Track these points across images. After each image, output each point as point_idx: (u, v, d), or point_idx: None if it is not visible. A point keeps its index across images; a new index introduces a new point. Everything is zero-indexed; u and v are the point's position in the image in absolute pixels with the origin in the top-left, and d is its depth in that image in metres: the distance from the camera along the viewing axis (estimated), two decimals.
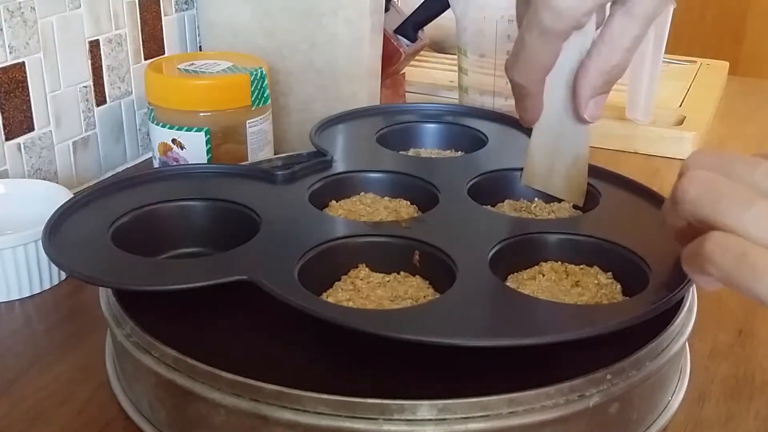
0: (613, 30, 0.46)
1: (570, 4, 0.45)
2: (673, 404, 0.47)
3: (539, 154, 0.56)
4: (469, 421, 0.38)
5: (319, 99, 0.79)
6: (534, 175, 0.57)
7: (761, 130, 0.95)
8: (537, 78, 0.49)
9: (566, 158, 0.55)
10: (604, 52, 0.47)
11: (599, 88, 0.49)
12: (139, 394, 0.45)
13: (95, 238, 0.49)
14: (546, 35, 0.46)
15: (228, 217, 0.54)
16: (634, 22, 0.46)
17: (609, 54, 0.47)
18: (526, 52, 0.47)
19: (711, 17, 1.81)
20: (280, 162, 0.64)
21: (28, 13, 0.68)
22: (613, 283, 0.48)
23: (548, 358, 0.44)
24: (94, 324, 0.53)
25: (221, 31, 0.80)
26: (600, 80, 0.48)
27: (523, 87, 0.50)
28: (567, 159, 0.55)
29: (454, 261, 0.47)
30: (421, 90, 0.98)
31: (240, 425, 0.40)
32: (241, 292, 0.45)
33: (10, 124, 0.68)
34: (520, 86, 0.50)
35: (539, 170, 0.57)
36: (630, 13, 0.46)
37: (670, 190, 0.39)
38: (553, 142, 0.55)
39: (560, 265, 0.50)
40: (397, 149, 0.65)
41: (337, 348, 0.47)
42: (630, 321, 0.41)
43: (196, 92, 0.67)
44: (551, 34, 0.46)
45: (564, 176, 0.56)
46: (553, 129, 0.54)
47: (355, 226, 0.53)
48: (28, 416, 0.46)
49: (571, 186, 0.56)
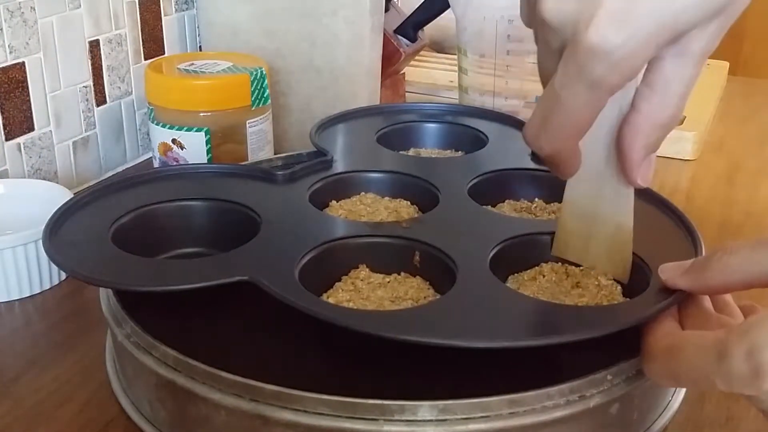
0: (667, 75, 0.38)
1: (629, 50, 0.35)
2: (674, 404, 0.47)
3: (573, 221, 0.48)
4: (469, 422, 0.38)
5: (319, 99, 0.79)
6: (567, 246, 0.49)
7: (761, 130, 0.95)
8: (573, 142, 0.40)
9: (607, 227, 0.47)
10: (657, 102, 0.39)
11: (652, 145, 0.40)
12: (139, 394, 0.45)
13: (95, 238, 0.49)
14: (594, 90, 0.36)
15: (228, 217, 0.54)
16: (689, 62, 0.38)
17: (663, 104, 0.39)
18: (563, 112, 0.37)
19: None
20: (281, 162, 0.64)
21: (28, 13, 0.67)
22: (613, 284, 0.48)
23: (549, 359, 0.44)
24: (94, 324, 0.53)
25: (221, 31, 0.80)
26: (653, 137, 0.40)
27: (558, 153, 0.40)
28: (608, 228, 0.47)
29: (455, 262, 0.47)
30: (421, 90, 0.98)
31: (240, 426, 0.40)
32: (241, 293, 0.45)
33: (10, 124, 0.68)
34: (553, 154, 0.40)
35: (574, 240, 0.49)
36: (684, 53, 0.37)
37: None
38: (591, 208, 0.47)
39: (560, 266, 0.50)
40: (397, 149, 0.65)
41: (337, 348, 0.47)
42: (630, 322, 0.41)
43: (196, 92, 0.67)
44: (601, 89, 0.36)
45: (605, 248, 0.48)
46: (590, 193, 0.46)
47: (356, 226, 0.53)
48: (28, 416, 0.46)
49: (613, 259, 0.48)
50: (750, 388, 0.32)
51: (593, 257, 0.48)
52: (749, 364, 0.32)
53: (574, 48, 0.35)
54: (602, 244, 0.48)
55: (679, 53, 0.37)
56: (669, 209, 0.54)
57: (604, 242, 0.47)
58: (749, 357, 0.32)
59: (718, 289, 0.40)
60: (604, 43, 0.34)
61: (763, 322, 0.32)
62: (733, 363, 0.32)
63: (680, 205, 0.54)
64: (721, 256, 0.38)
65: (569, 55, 0.36)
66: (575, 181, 0.45)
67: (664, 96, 0.38)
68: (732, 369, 0.32)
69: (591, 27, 0.34)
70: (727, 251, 0.38)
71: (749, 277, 0.37)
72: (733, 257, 0.37)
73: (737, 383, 0.33)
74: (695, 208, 0.74)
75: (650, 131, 0.39)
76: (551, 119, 0.38)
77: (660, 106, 0.39)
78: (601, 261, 0.48)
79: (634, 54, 0.35)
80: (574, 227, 0.48)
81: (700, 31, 0.37)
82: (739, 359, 0.32)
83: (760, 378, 0.31)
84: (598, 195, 0.46)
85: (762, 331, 0.32)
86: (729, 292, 0.41)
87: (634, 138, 0.40)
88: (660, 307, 0.41)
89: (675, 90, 0.38)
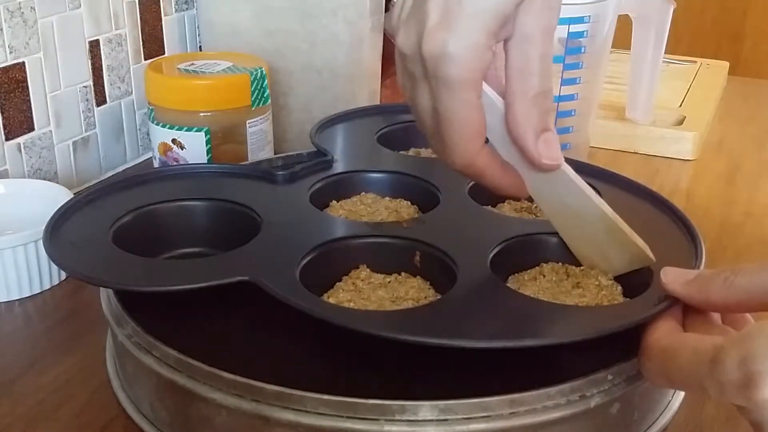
0: (513, 63, 0.41)
1: (465, 42, 0.39)
2: (674, 404, 0.47)
3: (577, 244, 0.49)
4: (470, 422, 0.38)
5: (319, 99, 0.79)
6: (586, 259, 0.49)
7: (761, 130, 0.95)
8: (474, 151, 0.42)
9: (596, 230, 0.47)
10: (518, 81, 0.41)
11: (537, 125, 0.41)
12: (140, 394, 0.45)
13: (96, 238, 0.49)
14: (457, 89, 0.39)
15: (229, 217, 0.54)
16: (533, 42, 0.40)
17: (525, 82, 0.41)
18: (448, 122, 0.40)
19: (711, 17, 1.81)
20: (281, 162, 0.64)
21: (28, 13, 0.67)
22: (613, 284, 0.48)
23: (549, 359, 0.44)
24: (95, 324, 0.53)
25: (221, 31, 0.80)
26: (533, 115, 0.41)
27: (468, 168, 0.42)
28: (597, 229, 0.47)
29: (455, 262, 0.47)
30: None
31: (241, 426, 0.40)
32: (242, 293, 0.45)
33: (10, 124, 0.68)
34: (464, 168, 0.43)
35: (594, 258, 0.49)
36: (522, 38, 0.40)
37: None
38: (573, 224, 0.47)
39: (561, 267, 0.50)
40: (397, 149, 0.65)
41: (338, 349, 0.47)
42: (631, 323, 0.41)
43: (196, 92, 0.67)
44: (462, 86, 0.39)
45: (614, 248, 0.47)
46: (561, 213, 0.47)
47: (356, 226, 0.53)
48: (28, 416, 0.46)
49: (631, 252, 0.47)
50: (740, 398, 0.32)
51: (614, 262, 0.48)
52: (741, 373, 0.32)
53: (425, 64, 0.40)
54: (607, 247, 0.47)
55: (520, 38, 0.40)
56: (669, 209, 0.54)
57: (607, 244, 0.47)
58: (742, 365, 0.32)
59: (717, 305, 0.39)
60: (442, 46, 0.39)
61: (759, 332, 0.32)
62: (725, 370, 0.32)
63: (680, 205, 0.54)
64: (728, 276, 0.38)
65: (428, 74, 0.40)
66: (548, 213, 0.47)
67: (523, 74, 0.41)
68: (724, 376, 0.32)
69: (425, 39, 0.39)
70: (734, 272, 0.38)
71: (749, 298, 0.37)
72: (738, 277, 0.38)
73: (728, 391, 0.32)
74: (695, 208, 0.74)
75: (526, 110, 0.41)
76: (445, 135, 0.41)
77: (522, 84, 0.41)
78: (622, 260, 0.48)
79: (472, 45, 0.39)
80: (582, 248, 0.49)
81: (525, 12, 0.40)
82: (731, 367, 0.32)
83: (751, 388, 0.31)
84: (568, 211, 0.47)
85: (757, 340, 0.32)
86: (728, 311, 0.41)
87: (517, 124, 0.41)
88: (660, 308, 0.41)
89: (531, 69, 0.41)
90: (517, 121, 0.41)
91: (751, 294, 0.37)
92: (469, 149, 0.42)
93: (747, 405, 0.32)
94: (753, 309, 0.38)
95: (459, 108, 0.40)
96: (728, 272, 0.38)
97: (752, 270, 0.37)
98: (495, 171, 0.44)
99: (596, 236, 0.47)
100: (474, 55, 0.39)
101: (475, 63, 0.39)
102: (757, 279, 0.37)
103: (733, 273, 0.38)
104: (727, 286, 0.38)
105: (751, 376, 0.31)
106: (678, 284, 0.41)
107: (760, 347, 0.31)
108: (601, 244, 0.47)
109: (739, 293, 0.37)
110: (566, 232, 0.49)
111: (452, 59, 0.39)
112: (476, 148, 0.42)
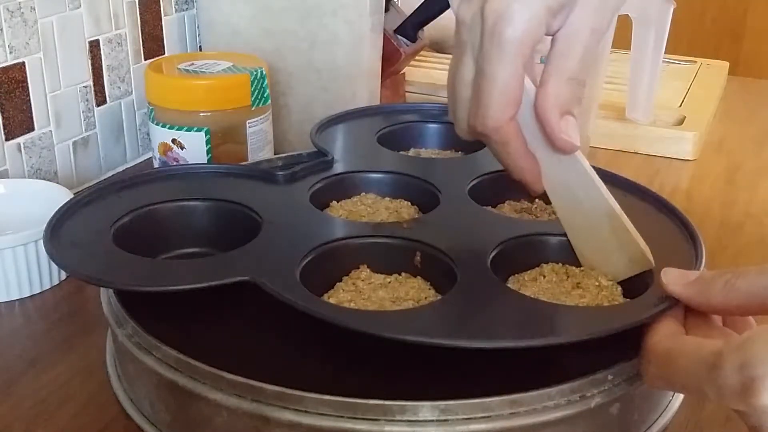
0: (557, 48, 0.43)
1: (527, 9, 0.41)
2: (674, 404, 0.47)
3: (580, 243, 0.49)
4: (470, 422, 0.38)
5: (319, 99, 0.79)
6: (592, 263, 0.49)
7: (761, 130, 0.95)
8: (508, 115, 0.43)
9: (602, 228, 0.47)
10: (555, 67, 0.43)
11: (564, 104, 0.43)
12: (140, 394, 0.45)
13: (96, 238, 0.49)
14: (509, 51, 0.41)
15: (229, 217, 0.54)
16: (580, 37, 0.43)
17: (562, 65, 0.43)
18: (490, 82, 0.42)
19: (711, 17, 1.81)
20: (281, 162, 0.64)
21: (28, 13, 0.67)
22: (613, 285, 0.48)
23: (549, 359, 0.44)
24: (95, 324, 0.53)
25: (221, 31, 0.80)
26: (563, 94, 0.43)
27: (497, 131, 0.44)
28: (603, 227, 0.47)
29: (456, 262, 0.47)
30: (421, 90, 0.98)
31: (242, 426, 0.40)
32: (242, 293, 0.45)
33: (10, 124, 0.68)
34: (493, 132, 0.44)
35: (595, 260, 0.49)
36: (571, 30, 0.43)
37: None
38: (580, 221, 0.48)
39: (561, 267, 0.50)
40: (397, 149, 0.65)
41: (338, 349, 0.47)
42: (630, 323, 0.41)
43: (196, 92, 0.67)
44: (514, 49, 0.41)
45: (616, 250, 0.47)
46: (570, 207, 0.48)
47: (357, 226, 0.53)
48: (28, 416, 0.46)
49: (632, 253, 0.47)
50: (739, 403, 0.32)
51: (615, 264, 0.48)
52: (740, 378, 0.31)
53: (484, 25, 0.42)
54: (609, 247, 0.47)
55: (570, 30, 0.43)
56: (669, 210, 0.54)
57: (610, 244, 0.47)
58: (741, 370, 0.31)
59: (717, 307, 0.39)
60: (506, 6, 0.41)
61: (758, 338, 0.32)
62: (724, 375, 0.32)
63: (680, 205, 0.54)
64: (729, 278, 0.38)
65: (484, 34, 0.42)
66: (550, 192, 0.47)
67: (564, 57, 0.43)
68: (723, 381, 0.32)
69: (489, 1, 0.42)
70: (735, 274, 0.38)
71: (750, 301, 0.37)
72: (740, 280, 0.37)
73: (728, 396, 0.32)
74: (695, 208, 0.74)
75: (557, 89, 0.43)
76: (484, 95, 0.43)
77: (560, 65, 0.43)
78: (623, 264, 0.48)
79: (532, 14, 0.41)
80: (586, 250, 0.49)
81: (581, 7, 0.42)
82: (731, 372, 0.32)
83: (750, 393, 0.31)
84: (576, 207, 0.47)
85: (756, 346, 0.31)
86: (729, 314, 0.40)
87: (545, 99, 0.43)
88: (660, 309, 0.41)
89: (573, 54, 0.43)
90: (547, 97, 0.43)
91: (752, 297, 0.37)
92: (504, 112, 0.43)
93: (746, 410, 0.32)
94: (754, 312, 0.38)
95: (505, 70, 0.42)
96: (729, 275, 0.38)
97: (753, 273, 0.37)
98: (519, 145, 0.45)
99: (601, 234, 0.47)
100: (530, 24, 0.41)
101: (529, 32, 0.42)
102: (758, 282, 0.37)
103: (734, 276, 0.38)
104: (727, 289, 0.38)
105: (750, 382, 0.31)
106: (678, 285, 0.41)
107: (759, 353, 0.31)
108: (605, 244, 0.47)
109: (740, 296, 0.37)
110: (571, 229, 0.49)
111: (512, 20, 0.41)
112: (510, 113, 0.43)
